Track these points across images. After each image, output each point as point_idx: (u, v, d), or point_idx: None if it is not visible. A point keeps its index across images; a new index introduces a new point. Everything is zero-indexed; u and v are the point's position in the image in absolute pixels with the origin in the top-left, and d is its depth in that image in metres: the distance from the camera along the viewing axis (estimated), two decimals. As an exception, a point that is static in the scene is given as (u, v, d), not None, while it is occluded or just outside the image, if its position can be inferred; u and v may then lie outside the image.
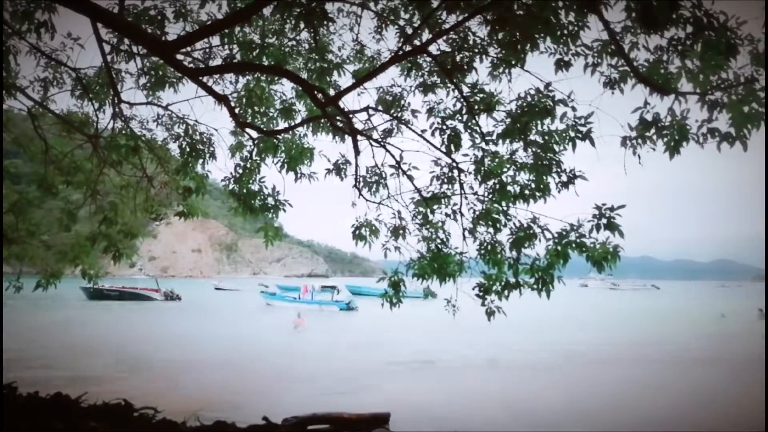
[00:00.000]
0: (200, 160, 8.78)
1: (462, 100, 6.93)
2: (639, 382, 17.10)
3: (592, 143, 6.10)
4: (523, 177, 6.89)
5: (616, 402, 14.40)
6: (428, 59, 7.05)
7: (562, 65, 5.99)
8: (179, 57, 7.24)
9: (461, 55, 6.72)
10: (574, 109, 6.21)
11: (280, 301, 51.74)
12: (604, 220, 6.01)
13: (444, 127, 7.11)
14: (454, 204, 7.39)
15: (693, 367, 19.84)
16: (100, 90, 8.76)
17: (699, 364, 20.84)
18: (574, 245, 6.29)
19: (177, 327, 31.36)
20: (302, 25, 7.23)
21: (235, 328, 30.79)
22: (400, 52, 6.62)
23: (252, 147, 8.45)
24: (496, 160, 7.01)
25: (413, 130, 7.27)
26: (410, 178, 7.56)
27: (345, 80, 8.15)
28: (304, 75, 8.10)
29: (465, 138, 7.13)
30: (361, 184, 7.85)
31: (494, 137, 6.84)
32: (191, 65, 8.04)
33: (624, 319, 40.24)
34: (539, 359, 20.82)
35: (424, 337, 25.49)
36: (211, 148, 8.83)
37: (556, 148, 6.51)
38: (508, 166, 6.94)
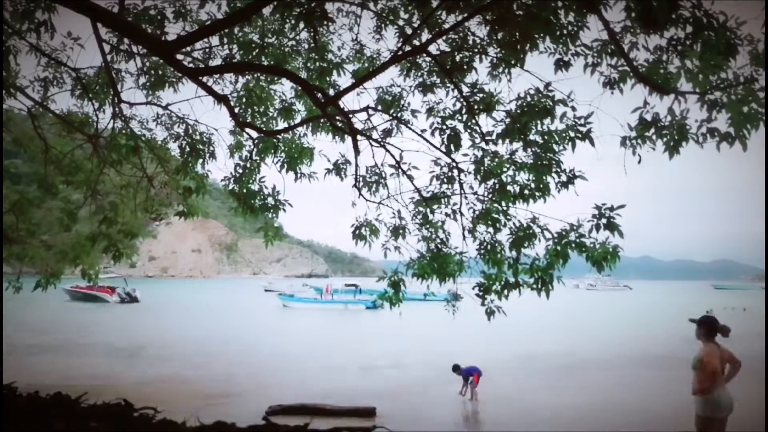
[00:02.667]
0: (200, 160, 8.78)
1: (462, 99, 6.93)
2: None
3: (592, 143, 6.10)
4: (523, 177, 6.89)
5: (612, 402, 14.44)
6: (428, 59, 7.06)
7: (561, 65, 5.99)
8: (179, 57, 7.25)
9: (461, 55, 6.72)
10: (573, 108, 6.22)
11: (299, 302, 51.29)
12: (603, 220, 6.01)
13: (444, 126, 7.11)
14: (454, 204, 7.39)
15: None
16: (100, 90, 8.76)
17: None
18: (573, 245, 6.29)
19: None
20: (302, 25, 7.23)
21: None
22: (400, 52, 6.62)
23: (252, 147, 8.46)
24: (496, 159, 7.01)
25: (413, 130, 7.28)
26: (410, 177, 7.56)
27: (344, 80, 8.16)
28: (304, 75, 8.11)
29: (465, 138, 7.14)
30: (361, 183, 7.85)
31: (494, 137, 6.84)
32: (191, 65, 8.04)
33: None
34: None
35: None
36: (211, 148, 8.84)
37: (555, 148, 6.51)
38: (507, 165, 6.94)
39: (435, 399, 14.77)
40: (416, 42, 6.65)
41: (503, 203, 6.97)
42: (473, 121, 7.01)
